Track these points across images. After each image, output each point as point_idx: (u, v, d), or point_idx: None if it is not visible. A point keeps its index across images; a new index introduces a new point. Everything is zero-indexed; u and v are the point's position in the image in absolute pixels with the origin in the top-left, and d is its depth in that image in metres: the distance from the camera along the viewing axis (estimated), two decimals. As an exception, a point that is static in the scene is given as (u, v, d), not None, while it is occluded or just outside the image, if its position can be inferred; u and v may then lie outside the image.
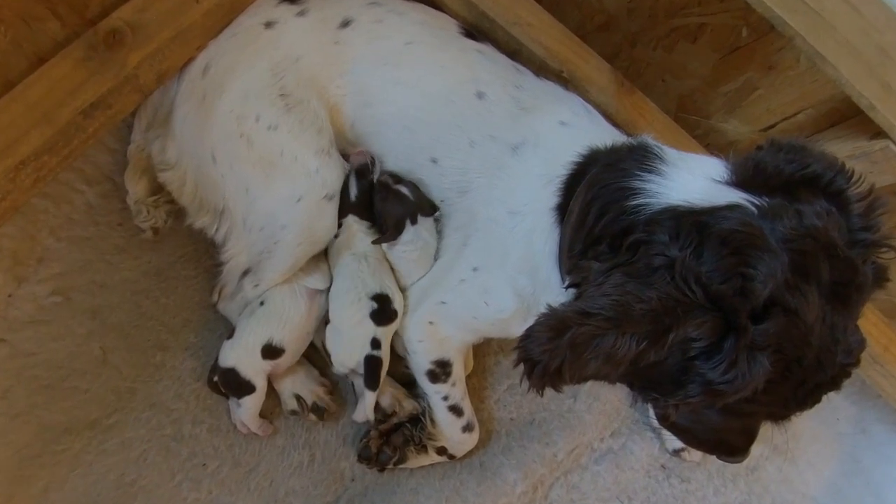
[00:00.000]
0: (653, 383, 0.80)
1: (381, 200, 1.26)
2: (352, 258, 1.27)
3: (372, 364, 1.25)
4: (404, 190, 1.25)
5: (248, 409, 1.27)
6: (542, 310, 0.79)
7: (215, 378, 1.28)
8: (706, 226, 0.78)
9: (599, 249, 0.87)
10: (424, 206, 1.25)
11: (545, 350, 0.74)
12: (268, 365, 1.26)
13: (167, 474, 1.28)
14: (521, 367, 0.78)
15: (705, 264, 0.75)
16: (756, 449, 1.56)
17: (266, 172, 1.17)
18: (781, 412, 0.85)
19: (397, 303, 1.26)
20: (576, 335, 0.73)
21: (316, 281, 1.30)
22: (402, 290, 1.31)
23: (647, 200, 0.87)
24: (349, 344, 1.27)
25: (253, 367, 1.25)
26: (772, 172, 0.85)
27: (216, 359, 1.28)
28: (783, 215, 0.78)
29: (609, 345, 0.72)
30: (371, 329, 1.24)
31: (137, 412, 1.30)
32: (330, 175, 1.20)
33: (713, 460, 1.53)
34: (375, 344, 1.24)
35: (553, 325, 0.75)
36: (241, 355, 1.25)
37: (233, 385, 1.26)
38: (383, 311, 1.24)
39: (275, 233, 1.20)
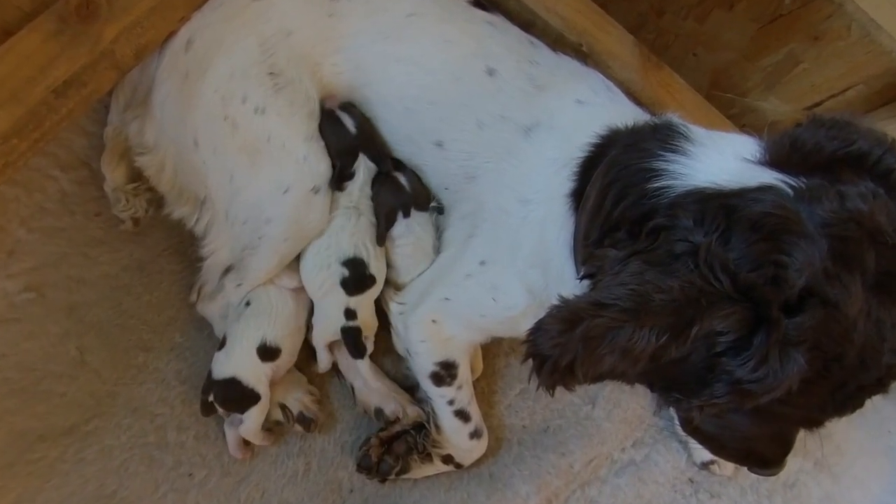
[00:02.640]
0: (675, 383, 0.78)
1: (377, 184, 1.26)
2: (343, 211, 1.25)
3: (350, 335, 1.26)
4: (402, 179, 1.24)
5: (254, 421, 1.24)
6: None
7: (210, 397, 1.25)
8: (735, 209, 0.76)
9: (617, 237, 0.85)
10: (421, 200, 1.25)
11: (556, 344, 0.73)
12: (268, 368, 1.25)
13: (150, 485, 1.27)
14: (530, 363, 0.76)
15: (733, 251, 0.73)
16: (795, 462, 1.58)
17: (251, 159, 1.15)
18: (818, 417, 0.82)
19: (374, 267, 1.26)
20: (589, 328, 0.71)
21: (290, 280, 1.29)
22: (400, 286, 1.31)
23: (671, 182, 0.85)
24: (322, 315, 1.27)
25: (254, 373, 1.23)
26: (811, 150, 0.83)
27: (208, 375, 1.26)
28: (823, 197, 0.75)
29: (626, 339, 0.70)
30: (343, 298, 1.24)
31: (118, 418, 1.29)
32: (318, 164, 1.19)
33: (746, 474, 1.51)
34: (350, 314, 1.25)
35: (565, 317, 0.73)
36: (239, 362, 1.23)
37: (235, 398, 1.23)
38: (356, 278, 1.24)
39: (259, 227, 1.19)
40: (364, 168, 1.26)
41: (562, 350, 0.72)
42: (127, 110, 1.26)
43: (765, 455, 0.95)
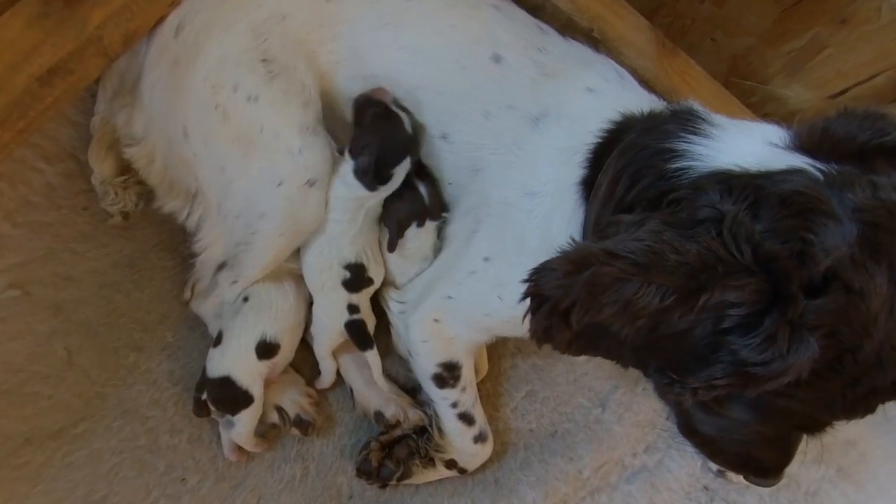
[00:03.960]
0: (672, 361, 0.75)
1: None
2: (342, 213, 1.24)
3: (355, 328, 1.28)
4: (421, 188, 1.23)
5: (245, 425, 1.24)
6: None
7: (203, 396, 1.25)
8: (762, 188, 0.74)
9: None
10: (436, 210, 1.25)
11: (559, 286, 0.71)
12: (264, 367, 1.25)
13: (142, 490, 1.27)
14: (528, 302, 0.74)
15: (761, 223, 0.71)
16: (817, 470, 1.56)
17: (244, 151, 1.14)
18: (824, 417, 0.79)
19: (373, 272, 1.28)
20: (596, 274, 0.69)
21: None
22: (399, 285, 1.31)
23: (692, 163, 0.83)
24: (324, 316, 1.28)
25: (249, 373, 1.23)
26: (842, 138, 0.81)
27: (203, 373, 1.26)
28: (855, 184, 0.73)
29: (631, 291, 0.68)
30: (345, 296, 1.26)
31: (108, 420, 1.29)
32: (314, 157, 1.17)
33: (764, 481, 1.49)
34: (353, 309, 1.27)
35: (573, 259, 0.71)
36: (234, 360, 1.23)
37: (227, 398, 1.23)
38: (357, 280, 1.26)
39: (253, 221, 1.18)
40: (400, 176, 1.22)
41: (564, 292, 0.71)
42: (115, 99, 1.25)
43: (764, 461, 0.94)
